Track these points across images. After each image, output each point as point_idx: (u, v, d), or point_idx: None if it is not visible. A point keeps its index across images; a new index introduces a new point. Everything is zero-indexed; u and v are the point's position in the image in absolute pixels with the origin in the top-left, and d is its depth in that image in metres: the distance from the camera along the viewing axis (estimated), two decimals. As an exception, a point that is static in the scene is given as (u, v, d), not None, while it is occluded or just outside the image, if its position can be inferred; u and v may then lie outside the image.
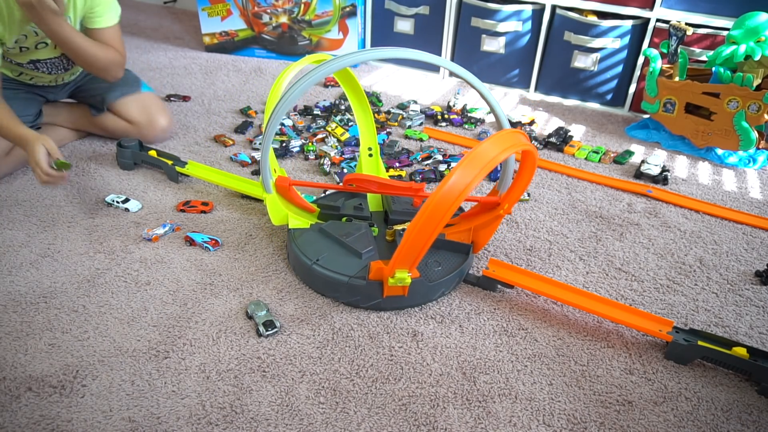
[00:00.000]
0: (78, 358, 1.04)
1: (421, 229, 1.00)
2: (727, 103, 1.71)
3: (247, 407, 0.96)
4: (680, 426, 0.97)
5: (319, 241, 1.24)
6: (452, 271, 1.20)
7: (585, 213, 1.53)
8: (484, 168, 0.96)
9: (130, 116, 1.68)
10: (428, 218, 0.98)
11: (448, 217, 0.97)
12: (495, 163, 0.98)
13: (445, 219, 0.97)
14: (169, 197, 1.51)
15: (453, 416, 0.97)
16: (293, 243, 1.24)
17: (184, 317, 1.14)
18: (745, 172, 1.78)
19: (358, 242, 1.22)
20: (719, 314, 1.21)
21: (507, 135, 1.03)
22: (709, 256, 1.39)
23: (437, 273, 1.19)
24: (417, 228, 1.00)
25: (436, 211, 0.97)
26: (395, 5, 2.32)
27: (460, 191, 0.95)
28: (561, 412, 0.98)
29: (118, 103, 1.67)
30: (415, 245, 1.03)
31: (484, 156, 0.97)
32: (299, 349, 1.08)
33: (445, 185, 0.95)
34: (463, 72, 1.15)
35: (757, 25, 1.66)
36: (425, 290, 1.17)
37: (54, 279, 1.22)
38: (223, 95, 2.13)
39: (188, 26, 2.86)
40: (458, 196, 0.95)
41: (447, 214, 0.97)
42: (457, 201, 0.95)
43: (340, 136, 1.82)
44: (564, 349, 1.11)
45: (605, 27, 2.01)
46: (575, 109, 2.16)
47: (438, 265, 1.21)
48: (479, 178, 0.96)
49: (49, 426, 0.92)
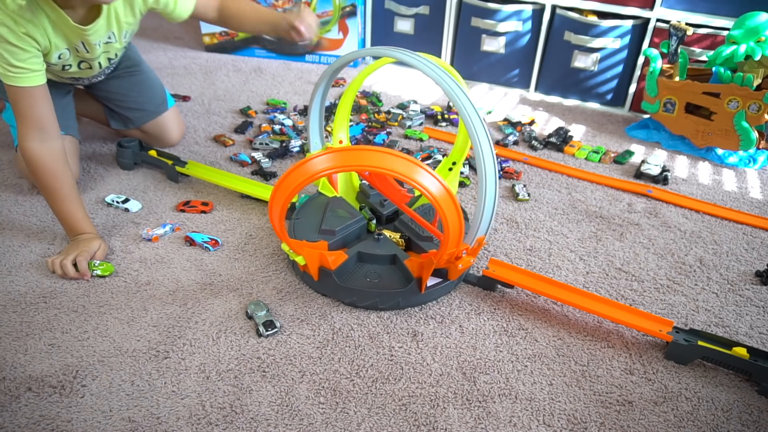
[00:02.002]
0: (78, 358, 1.04)
1: (274, 193, 1.03)
2: (728, 103, 1.71)
3: (247, 407, 0.96)
4: (680, 426, 0.97)
5: (317, 209, 1.35)
6: (382, 287, 1.17)
7: (585, 213, 1.53)
8: (346, 166, 1.01)
9: (144, 129, 1.67)
10: (277, 186, 1.02)
11: (291, 188, 0.99)
12: (359, 167, 1.00)
13: (287, 189, 1.00)
14: (169, 197, 1.51)
15: (453, 416, 0.96)
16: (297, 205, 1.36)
17: (184, 317, 1.14)
18: (745, 172, 1.78)
19: (336, 223, 1.27)
20: (719, 314, 1.21)
21: (411, 165, 0.98)
22: (709, 256, 1.39)
23: (368, 284, 1.18)
24: (273, 194, 1.03)
25: (283, 179, 1.01)
26: (395, 5, 2.32)
27: (312, 172, 0.98)
28: (561, 412, 0.98)
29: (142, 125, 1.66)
30: (272, 209, 1.06)
31: (355, 157, 0.99)
32: (299, 349, 1.08)
33: (307, 162, 0.99)
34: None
35: (757, 25, 1.66)
36: (334, 287, 1.17)
37: (54, 279, 1.22)
38: (223, 95, 2.13)
39: (188, 26, 2.86)
40: (307, 174, 0.98)
41: (290, 185, 0.99)
42: (304, 177, 0.98)
43: (340, 136, 1.82)
44: (564, 349, 1.11)
45: (605, 27, 2.01)
46: (575, 109, 2.16)
47: (378, 277, 1.20)
48: (335, 171, 1.00)
49: (49, 426, 0.92)
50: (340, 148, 1.06)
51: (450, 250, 1.07)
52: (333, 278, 1.16)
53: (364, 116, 2.00)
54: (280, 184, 1.01)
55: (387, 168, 0.96)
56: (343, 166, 1.01)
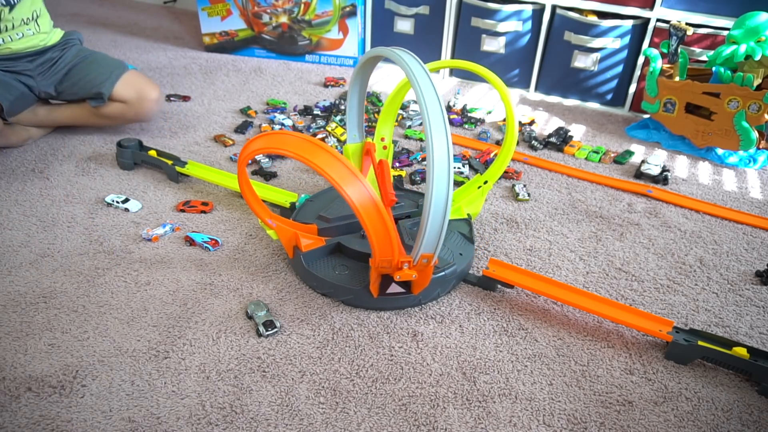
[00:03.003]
0: (78, 358, 1.04)
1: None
2: (728, 103, 1.71)
3: (247, 407, 0.96)
4: (680, 426, 0.97)
5: (331, 197, 1.39)
6: (341, 281, 1.17)
7: (585, 213, 1.53)
8: (279, 148, 1.01)
9: (122, 97, 1.70)
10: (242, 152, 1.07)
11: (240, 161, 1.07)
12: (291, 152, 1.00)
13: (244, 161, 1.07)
14: (169, 197, 1.51)
15: (453, 416, 0.96)
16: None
17: (184, 317, 1.14)
18: (745, 172, 1.78)
19: (335, 213, 1.30)
20: (719, 314, 1.21)
21: (347, 174, 0.98)
22: (709, 256, 1.39)
23: (333, 274, 1.19)
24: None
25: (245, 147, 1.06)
26: (395, 5, 2.32)
27: (254, 148, 1.04)
28: (561, 412, 0.98)
29: (113, 91, 1.69)
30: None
31: (292, 141, 1.01)
32: (299, 349, 1.08)
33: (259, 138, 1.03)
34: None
35: (757, 25, 1.66)
36: (301, 269, 1.22)
37: (54, 279, 1.22)
38: (223, 95, 2.13)
39: (188, 26, 2.86)
40: (250, 150, 1.04)
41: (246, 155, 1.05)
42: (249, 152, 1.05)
43: (340, 136, 1.82)
44: (564, 349, 1.11)
45: (605, 27, 2.01)
46: (575, 109, 2.16)
47: (346, 271, 1.21)
48: (263, 151, 1.05)
49: (49, 426, 0.92)
50: (274, 132, 1.08)
51: (382, 258, 1.04)
52: (301, 260, 1.20)
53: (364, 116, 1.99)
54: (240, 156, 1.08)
55: (306, 158, 0.97)
56: (266, 148, 1.05)
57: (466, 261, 1.24)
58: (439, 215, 0.98)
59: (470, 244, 1.29)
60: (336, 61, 2.45)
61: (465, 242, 1.30)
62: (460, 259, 1.24)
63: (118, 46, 2.54)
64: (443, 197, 0.97)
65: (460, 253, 1.25)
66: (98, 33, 2.69)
